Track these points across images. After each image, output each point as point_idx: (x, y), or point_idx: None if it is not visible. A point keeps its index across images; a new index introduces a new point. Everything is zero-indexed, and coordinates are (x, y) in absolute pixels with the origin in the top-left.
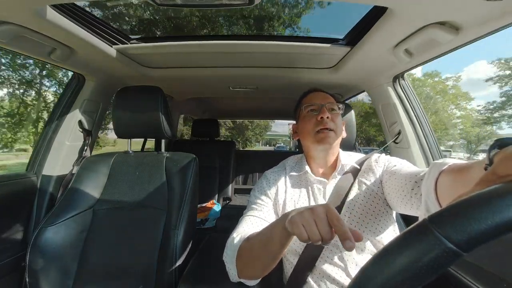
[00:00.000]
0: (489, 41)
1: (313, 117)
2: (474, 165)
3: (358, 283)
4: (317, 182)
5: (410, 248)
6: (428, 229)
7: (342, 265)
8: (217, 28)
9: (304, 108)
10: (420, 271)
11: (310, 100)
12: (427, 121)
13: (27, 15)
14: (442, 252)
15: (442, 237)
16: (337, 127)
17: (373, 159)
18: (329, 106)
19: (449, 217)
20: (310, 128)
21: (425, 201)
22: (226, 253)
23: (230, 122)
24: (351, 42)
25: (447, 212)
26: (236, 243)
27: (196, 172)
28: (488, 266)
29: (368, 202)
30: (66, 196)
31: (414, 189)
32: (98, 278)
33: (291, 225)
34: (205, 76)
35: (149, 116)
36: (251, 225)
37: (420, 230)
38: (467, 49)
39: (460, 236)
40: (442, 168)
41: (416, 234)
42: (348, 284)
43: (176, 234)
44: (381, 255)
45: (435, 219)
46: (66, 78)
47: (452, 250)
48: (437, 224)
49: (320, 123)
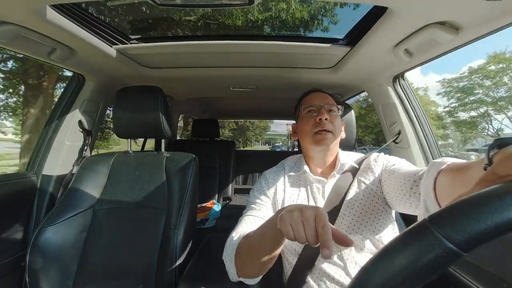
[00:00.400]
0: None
1: (311, 118)
2: (473, 165)
3: (358, 283)
4: (316, 181)
5: (409, 248)
6: (428, 229)
7: (342, 264)
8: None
9: (303, 109)
10: (420, 271)
11: (309, 101)
12: (427, 121)
13: (27, 15)
14: (442, 252)
15: (442, 237)
16: (335, 128)
17: (372, 158)
18: (328, 107)
19: (448, 217)
20: (309, 129)
21: (424, 200)
22: (225, 252)
23: (233, 124)
24: (351, 42)
25: (447, 213)
26: (234, 242)
27: (196, 172)
28: (488, 266)
29: (367, 201)
30: (66, 196)
31: (413, 188)
32: (98, 278)
33: (280, 222)
34: (205, 76)
35: (149, 116)
36: (250, 224)
37: (420, 230)
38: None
39: (460, 236)
40: (441, 168)
41: (416, 234)
42: (348, 284)
43: (176, 234)
44: (381, 255)
45: (435, 219)
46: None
47: (452, 250)
48: (437, 224)
49: (318, 124)
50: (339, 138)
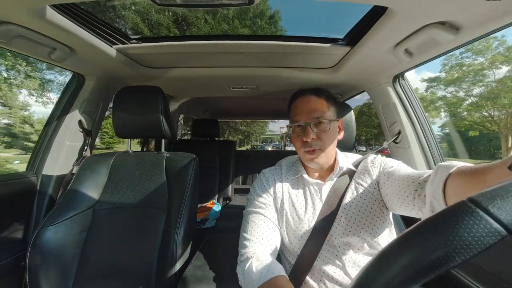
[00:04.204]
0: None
1: (300, 136)
2: (493, 166)
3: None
4: (313, 184)
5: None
6: (471, 209)
7: (340, 264)
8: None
9: (291, 122)
10: (462, 249)
11: (296, 115)
12: (427, 121)
13: (27, 15)
14: (488, 232)
15: (488, 217)
16: (325, 144)
17: (369, 160)
18: (314, 122)
19: (495, 197)
20: (298, 146)
21: (431, 203)
22: (241, 281)
23: (245, 128)
24: (351, 42)
25: (492, 193)
26: (254, 278)
27: (196, 172)
28: (488, 266)
29: (364, 203)
30: (66, 196)
31: (418, 191)
32: (98, 278)
33: None
34: (205, 76)
35: (149, 116)
36: (256, 226)
37: (462, 210)
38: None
39: (509, 216)
40: (451, 170)
41: (457, 214)
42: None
43: (176, 234)
44: (422, 228)
45: (479, 199)
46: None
47: (498, 230)
48: (484, 204)
49: (306, 144)
50: (335, 143)
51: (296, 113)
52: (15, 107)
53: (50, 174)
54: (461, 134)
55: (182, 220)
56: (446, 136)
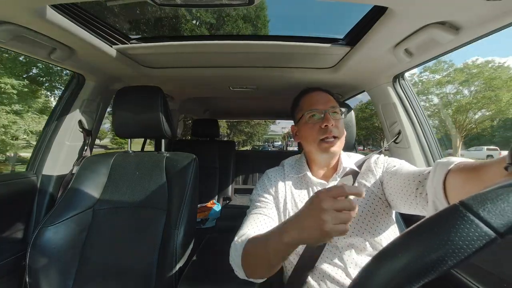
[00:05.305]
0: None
1: (316, 123)
2: (491, 164)
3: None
4: (317, 184)
5: (442, 232)
6: (462, 213)
7: (342, 265)
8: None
9: (306, 113)
10: (452, 253)
11: (311, 104)
12: (427, 121)
13: (27, 15)
14: (478, 236)
15: (478, 221)
16: (340, 132)
17: (372, 160)
18: (332, 111)
19: (485, 201)
20: (314, 136)
21: (433, 201)
22: (231, 257)
23: (248, 130)
24: (351, 42)
25: (482, 197)
26: (239, 246)
27: (196, 172)
28: (488, 266)
29: (368, 204)
30: (66, 196)
31: (419, 189)
32: (98, 278)
33: (322, 237)
34: (205, 76)
35: (149, 116)
36: (254, 223)
37: (452, 214)
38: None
39: (499, 219)
40: (449, 167)
41: (448, 218)
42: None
43: (176, 234)
44: (414, 232)
45: (469, 203)
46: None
47: (488, 234)
48: (473, 208)
49: (325, 131)
50: (344, 141)
51: (311, 103)
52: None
53: (50, 174)
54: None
55: (182, 220)
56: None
